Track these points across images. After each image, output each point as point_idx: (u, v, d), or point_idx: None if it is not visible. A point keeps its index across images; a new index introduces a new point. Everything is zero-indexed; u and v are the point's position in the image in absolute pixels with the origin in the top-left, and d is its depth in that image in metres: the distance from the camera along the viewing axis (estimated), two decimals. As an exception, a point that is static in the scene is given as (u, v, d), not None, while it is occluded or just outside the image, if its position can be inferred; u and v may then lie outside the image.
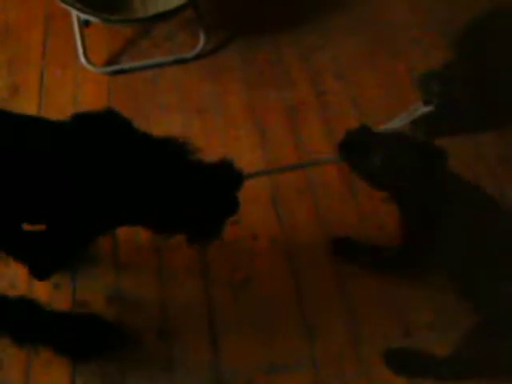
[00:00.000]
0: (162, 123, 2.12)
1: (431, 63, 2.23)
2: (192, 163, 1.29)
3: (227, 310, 1.71)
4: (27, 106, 2.16)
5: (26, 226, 1.23)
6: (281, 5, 2.53)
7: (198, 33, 2.33)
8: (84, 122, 1.21)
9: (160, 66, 2.29)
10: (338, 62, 2.34)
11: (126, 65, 2.28)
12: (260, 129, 2.12)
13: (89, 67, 2.25)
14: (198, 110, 2.16)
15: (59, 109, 2.15)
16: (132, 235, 1.82)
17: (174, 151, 1.27)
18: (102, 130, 1.20)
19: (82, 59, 2.24)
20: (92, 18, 2.05)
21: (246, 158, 2.02)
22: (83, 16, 2.06)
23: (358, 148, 1.48)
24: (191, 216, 1.29)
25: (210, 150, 2.00)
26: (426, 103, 1.74)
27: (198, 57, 2.32)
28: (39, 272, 1.23)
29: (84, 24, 2.15)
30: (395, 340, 1.67)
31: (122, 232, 1.81)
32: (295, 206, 1.92)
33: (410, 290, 1.75)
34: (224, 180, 1.32)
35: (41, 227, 1.20)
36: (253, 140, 2.09)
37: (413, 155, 1.45)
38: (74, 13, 2.08)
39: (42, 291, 1.71)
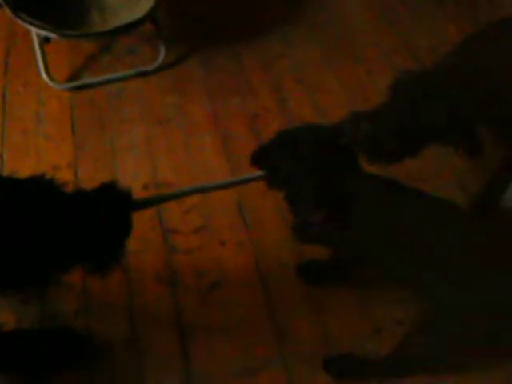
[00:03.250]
0: (125, 135, 2.14)
1: (390, 66, 2.28)
2: (66, 195, 1.20)
3: (196, 316, 1.72)
4: (-10, 124, 2.16)
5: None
6: (240, 16, 2.56)
7: (159, 46, 2.35)
8: None
9: (122, 79, 2.31)
10: (298, 68, 2.38)
11: (88, 80, 2.30)
12: (223, 136, 2.14)
13: (51, 84, 2.26)
14: (160, 120, 2.18)
15: (22, 126, 2.15)
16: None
17: (43, 189, 1.17)
18: None
19: (44, 76, 2.25)
20: (51, 35, 2.05)
21: (210, 165, 2.05)
22: (43, 33, 2.07)
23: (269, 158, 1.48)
24: (83, 247, 1.19)
25: (174, 160, 2.07)
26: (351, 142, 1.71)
27: (159, 69, 2.34)
28: None
29: (45, 41, 2.16)
30: (365, 338, 1.69)
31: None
32: (261, 211, 1.94)
33: (377, 288, 1.77)
34: (108, 203, 1.22)
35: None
36: (216, 147, 2.11)
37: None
38: (34, 30, 2.08)
39: (8, 307, 1.70)
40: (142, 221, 1.87)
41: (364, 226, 1.48)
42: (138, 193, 1.91)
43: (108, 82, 2.29)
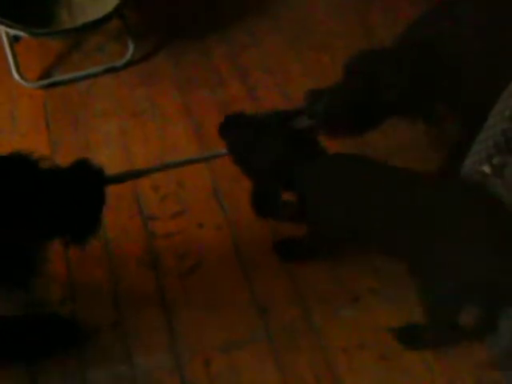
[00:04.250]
0: (99, 129, 2.18)
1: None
2: (43, 170, 1.28)
3: (179, 296, 1.78)
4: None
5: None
6: (207, 10, 2.62)
7: (127, 42, 2.40)
8: None
9: (93, 76, 2.35)
10: (265, 58, 2.44)
11: (59, 77, 2.33)
12: (196, 126, 2.20)
13: (23, 82, 2.29)
14: (133, 113, 2.23)
15: (-3, 126, 2.19)
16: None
17: (21, 164, 1.26)
18: None
19: (16, 75, 2.28)
20: (21, 33, 2.09)
21: (185, 154, 2.09)
22: (12, 31, 2.10)
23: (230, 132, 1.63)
24: (60, 219, 1.27)
25: (149, 150, 2.12)
26: (310, 117, 1.76)
27: (128, 64, 2.39)
28: None
29: (14, 40, 2.19)
30: (343, 306, 1.76)
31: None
32: (236, 194, 2.00)
33: (352, 260, 1.84)
34: (83, 177, 1.31)
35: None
36: (190, 137, 2.16)
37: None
38: (3, 29, 2.12)
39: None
40: (121, 210, 1.95)
41: (328, 200, 1.57)
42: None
43: (79, 78, 2.33)
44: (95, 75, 2.35)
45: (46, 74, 2.36)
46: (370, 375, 1.65)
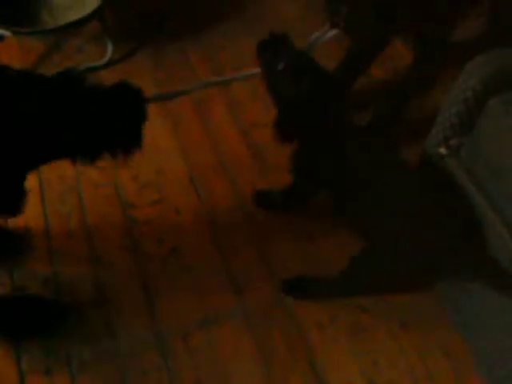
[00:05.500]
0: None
1: (324, 53, 2.47)
2: (90, 88, 1.38)
3: (159, 278, 1.86)
4: None
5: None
6: (184, 13, 2.74)
7: (106, 43, 2.50)
8: None
9: (73, 75, 2.43)
10: (240, 58, 2.55)
11: (40, 77, 2.41)
12: (173, 121, 2.30)
13: (4, 82, 2.36)
14: (112, 110, 2.32)
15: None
16: (64, 221, 1.96)
17: (70, 81, 1.36)
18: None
19: (-3, 75, 2.35)
20: (5, 32, 2.18)
21: (163, 148, 2.19)
22: (-5, 31, 2.19)
23: (271, 49, 1.68)
24: (107, 132, 1.39)
25: None
26: (333, 26, 1.91)
27: (107, 64, 2.49)
28: None
29: (-2, 40, 2.28)
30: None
31: (54, 219, 1.95)
32: (211, 181, 2.11)
33: (324, 242, 1.94)
34: (125, 95, 1.42)
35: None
36: (167, 131, 2.26)
37: (310, 74, 1.63)
38: (-14, 29, 2.21)
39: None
40: (101, 198, 2.03)
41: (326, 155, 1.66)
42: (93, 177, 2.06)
43: (60, 77, 2.42)
44: (75, 75, 2.44)
45: (27, 73, 2.43)
46: (342, 347, 1.74)
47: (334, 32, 1.92)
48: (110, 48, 2.48)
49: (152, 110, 2.29)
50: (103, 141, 1.39)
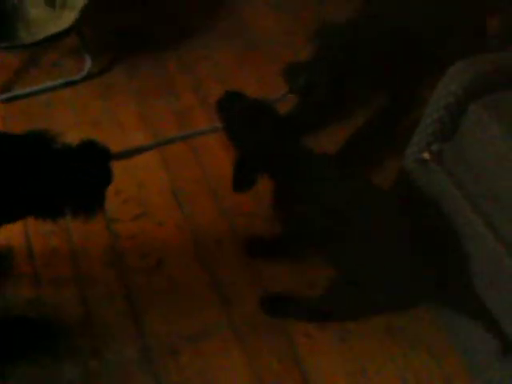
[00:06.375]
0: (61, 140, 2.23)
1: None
2: (55, 148, 1.39)
3: (145, 292, 1.85)
4: None
5: None
6: (162, 24, 2.74)
7: (84, 57, 2.48)
8: None
9: (51, 89, 2.42)
10: (218, 68, 2.56)
11: (18, 92, 2.40)
12: (153, 133, 2.28)
13: (-19, 97, 2.34)
14: (93, 123, 2.30)
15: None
16: (46, 240, 1.94)
17: (35, 142, 1.38)
18: None
19: (-26, 90, 2.34)
20: (-19, 48, 2.15)
21: (144, 159, 2.16)
22: (-28, 47, 2.16)
23: (228, 107, 1.72)
24: (69, 193, 1.38)
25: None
26: (291, 91, 1.93)
27: (86, 78, 2.47)
28: None
29: (-25, 55, 2.25)
30: (302, 295, 1.85)
31: (37, 238, 1.93)
32: (194, 194, 2.10)
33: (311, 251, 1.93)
34: (90, 155, 1.42)
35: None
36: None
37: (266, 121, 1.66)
38: (-37, 45, 2.18)
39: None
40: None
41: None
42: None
43: (38, 92, 2.40)
44: (54, 88, 2.42)
45: (4, 88, 2.42)
46: (330, 356, 1.74)
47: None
48: (88, 62, 2.46)
49: (132, 121, 2.34)
50: (65, 201, 1.39)
